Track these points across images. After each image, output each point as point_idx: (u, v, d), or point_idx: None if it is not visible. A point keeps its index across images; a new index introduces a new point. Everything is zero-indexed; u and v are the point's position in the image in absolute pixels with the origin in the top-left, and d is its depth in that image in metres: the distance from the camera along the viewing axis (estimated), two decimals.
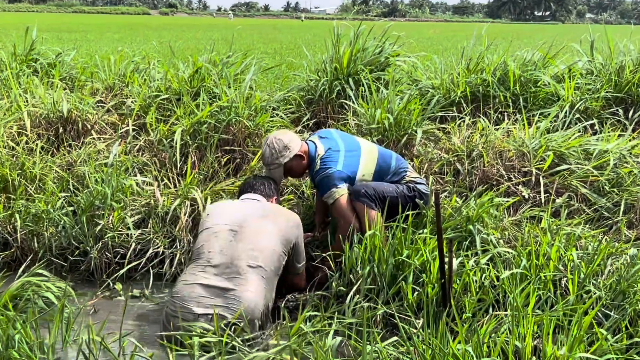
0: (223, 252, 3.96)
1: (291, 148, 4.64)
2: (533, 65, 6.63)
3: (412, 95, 6.02)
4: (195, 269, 3.95)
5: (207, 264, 3.93)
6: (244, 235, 4.04)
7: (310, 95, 6.69)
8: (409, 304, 3.86)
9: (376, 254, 4.06)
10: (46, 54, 7.54)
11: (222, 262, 3.92)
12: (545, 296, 3.78)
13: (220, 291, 3.80)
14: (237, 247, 3.97)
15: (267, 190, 4.58)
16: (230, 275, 3.86)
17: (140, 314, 4.39)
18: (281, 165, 4.64)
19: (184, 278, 3.96)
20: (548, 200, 4.94)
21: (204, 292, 3.81)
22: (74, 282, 4.83)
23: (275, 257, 4.02)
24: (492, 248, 4.24)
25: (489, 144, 5.45)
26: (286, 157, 4.63)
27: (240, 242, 4.00)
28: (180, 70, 6.77)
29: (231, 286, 3.81)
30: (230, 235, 4.05)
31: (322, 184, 4.56)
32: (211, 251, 3.99)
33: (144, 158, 5.66)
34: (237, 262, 3.90)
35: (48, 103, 6.04)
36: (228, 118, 5.74)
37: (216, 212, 4.29)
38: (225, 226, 4.11)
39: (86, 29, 28.53)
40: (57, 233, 4.98)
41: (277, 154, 4.62)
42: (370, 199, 4.42)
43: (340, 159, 4.64)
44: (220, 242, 4.03)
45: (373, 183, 4.56)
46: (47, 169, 5.45)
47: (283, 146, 4.62)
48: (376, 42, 6.91)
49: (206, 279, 3.86)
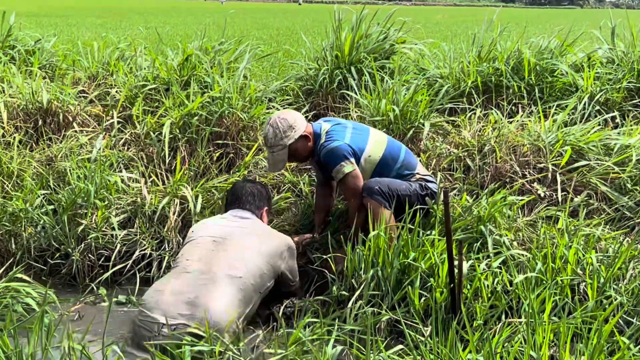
0: (201, 260, 3.95)
1: (296, 128, 4.60)
2: (549, 53, 6.60)
3: (419, 86, 6.00)
4: (170, 276, 3.96)
5: (183, 270, 3.92)
6: (227, 245, 4.05)
7: (309, 85, 6.68)
8: (415, 310, 3.86)
9: (380, 256, 4.06)
10: (24, 41, 7.53)
11: (199, 268, 3.90)
12: (562, 302, 3.78)
13: (188, 298, 3.74)
14: (218, 255, 3.97)
15: (257, 202, 4.58)
16: (204, 283, 3.81)
17: (126, 320, 4.38)
18: (286, 146, 4.60)
19: (156, 286, 3.95)
20: (565, 199, 4.93)
21: (172, 299, 3.75)
22: (54, 286, 4.84)
23: (258, 274, 4.00)
24: (505, 250, 4.24)
25: (502, 138, 5.44)
26: (291, 138, 4.59)
27: (222, 252, 3.99)
28: (169, 58, 6.77)
29: (201, 293, 3.75)
30: (212, 245, 4.06)
31: (329, 158, 4.55)
32: (189, 259, 3.98)
33: (130, 153, 5.66)
34: (215, 269, 3.88)
35: (26, 93, 6.03)
36: (221, 110, 5.74)
37: (201, 227, 4.32)
38: (209, 238, 4.12)
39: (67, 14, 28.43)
40: (36, 233, 4.99)
41: (282, 134, 4.57)
42: (384, 196, 4.42)
43: (347, 133, 4.65)
44: (201, 250, 4.03)
45: (387, 180, 4.56)
46: (26, 164, 5.45)
47: (288, 126, 4.58)
48: (380, 28, 6.89)
49: (177, 285, 3.82)
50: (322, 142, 4.62)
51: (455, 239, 4.24)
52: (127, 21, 22.38)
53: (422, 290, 3.93)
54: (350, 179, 4.50)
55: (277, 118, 4.63)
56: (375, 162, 4.65)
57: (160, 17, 28.08)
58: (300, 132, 4.61)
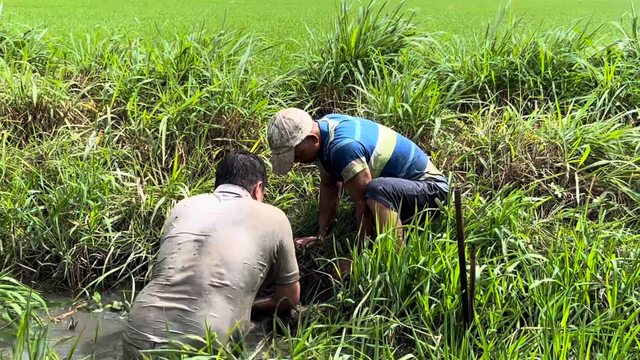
0: (184, 269, 3.83)
1: (303, 128, 4.58)
2: (567, 46, 6.59)
3: (429, 80, 5.99)
4: (153, 288, 3.85)
5: (166, 282, 3.82)
6: (210, 246, 3.89)
7: (313, 79, 6.69)
8: (425, 317, 3.85)
9: (388, 260, 4.05)
10: (13, 32, 7.53)
11: (182, 279, 3.79)
12: (580, 309, 3.78)
13: (178, 315, 3.69)
14: (201, 261, 3.83)
15: (249, 176, 4.35)
16: (191, 297, 3.74)
17: (121, 329, 4.38)
18: (292, 148, 4.57)
19: (140, 299, 3.86)
20: (584, 200, 4.93)
21: (161, 316, 3.69)
22: (45, 290, 4.85)
23: (247, 272, 3.88)
24: (520, 254, 4.23)
25: (517, 136, 5.44)
26: (298, 139, 4.56)
27: (204, 256, 3.86)
28: (166, 51, 6.76)
29: (190, 309, 3.70)
30: (195, 248, 3.90)
31: (338, 157, 4.54)
32: (172, 267, 3.86)
33: (124, 150, 5.67)
34: (199, 280, 3.78)
35: (15, 87, 6.04)
36: (220, 105, 5.74)
37: (184, 214, 4.12)
38: (191, 236, 3.95)
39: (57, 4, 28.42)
40: (25, 235, 5.00)
41: (288, 136, 4.54)
42: (388, 197, 4.41)
43: (356, 130, 4.64)
44: (183, 256, 3.88)
45: (392, 179, 4.55)
46: (15, 163, 5.46)
47: (294, 126, 4.55)
48: (388, 20, 6.89)
49: (163, 300, 3.75)
50: (331, 141, 4.61)
51: (467, 242, 4.24)
52: (122, 11, 22.38)
53: (432, 296, 3.92)
54: (360, 179, 4.50)
55: (282, 118, 4.59)
56: (385, 160, 4.65)
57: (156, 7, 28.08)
58: (307, 132, 4.59)
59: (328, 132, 4.68)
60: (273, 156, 4.69)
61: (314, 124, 4.71)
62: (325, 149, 4.67)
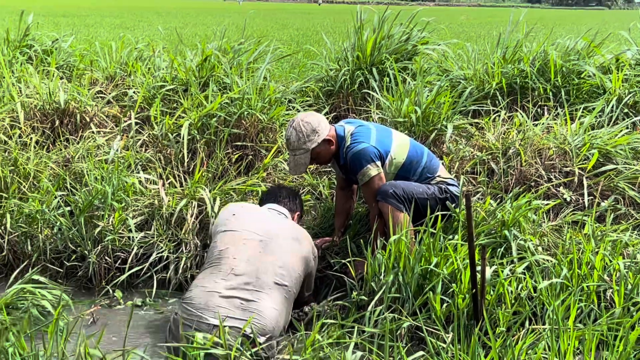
0: (250, 262, 3.95)
1: (320, 132, 4.59)
2: (576, 55, 6.58)
3: (441, 87, 5.99)
4: (216, 276, 3.92)
5: (231, 271, 3.91)
6: (274, 249, 4.06)
7: (329, 86, 6.70)
8: (437, 316, 3.85)
9: (401, 261, 4.05)
10: (42, 40, 7.59)
11: (247, 272, 3.90)
12: (587, 308, 3.77)
13: (241, 303, 3.78)
14: (266, 259, 3.98)
15: (291, 205, 4.65)
16: (255, 288, 3.85)
17: (142, 324, 4.43)
18: (308, 150, 4.59)
19: (202, 284, 3.92)
20: (592, 204, 4.92)
21: (224, 302, 3.77)
22: (70, 289, 4.87)
23: (298, 281, 4.09)
24: (530, 255, 4.23)
25: (527, 141, 5.43)
26: (314, 142, 4.57)
27: (269, 256, 4.01)
28: (188, 59, 6.79)
29: (253, 298, 3.81)
30: (260, 246, 4.06)
31: (355, 161, 4.55)
32: (237, 258, 3.97)
33: (147, 154, 5.69)
34: (263, 276, 3.91)
35: (43, 93, 6.08)
36: (240, 111, 5.76)
37: (244, 214, 4.30)
38: (256, 235, 4.11)
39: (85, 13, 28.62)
40: (52, 235, 5.03)
41: (305, 139, 4.56)
42: (398, 200, 4.41)
43: (372, 135, 4.64)
44: (249, 251, 4.02)
45: (402, 182, 4.55)
46: (42, 165, 5.49)
47: (311, 130, 4.57)
48: (403, 29, 6.89)
49: (228, 289, 3.83)
50: (347, 145, 4.62)
51: (478, 243, 4.24)
52: (146, 21, 22.52)
53: (444, 296, 3.92)
54: (375, 182, 4.51)
55: (301, 121, 4.61)
56: (399, 164, 4.65)
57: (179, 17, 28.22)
58: (323, 135, 4.60)
59: (344, 136, 4.69)
60: (290, 157, 4.71)
61: (330, 127, 4.72)
62: (342, 153, 4.67)
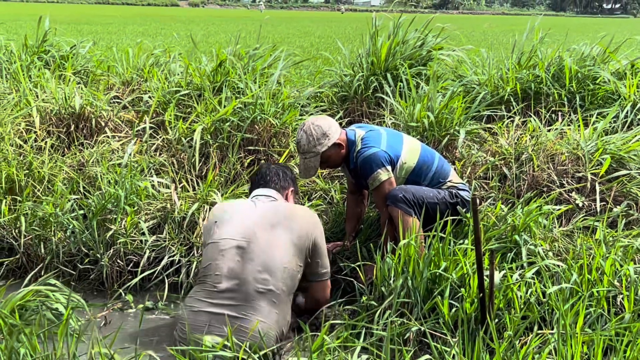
0: (230, 276, 3.89)
1: (330, 135, 4.60)
2: (592, 61, 6.55)
3: (455, 92, 5.97)
4: (202, 294, 3.91)
5: (214, 289, 3.88)
6: (252, 253, 3.93)
7: (344, 91, 6.71)
8: (445, 320, 3.83)
9: (410, 265, 4.04)
10: (59, 46, 7.65)
11: (229, 287, 3.86)
12: (596, 314, 3.73)
13: (230, 320, 3.76)
14: (245, 268, 3.89)
15: (282, 182, 4.45)
16: (239, 303, 3.81)
17: (153, 327, 4.42)
18: (318, 154, 4.59)
19: (191, 303, 3.92)
20: (604, 209, 4.88)
21: (213, 320, 3.78)
22: (83, 291, 4.89)
23: (287, 275, 3.93)
24: (540, 260, 4.20)
25: (540, 146, 5.40)
26: (324, 146, 4.58)
27: (248, 263, 3.90)
28: (203, 64, 6.83)
29: (240, 315, 3.78)
30: (238, 255, 3.94)
31: (365, 165, 4.54)
32: (218, 274, 3.91)
33: (161, 158, 5.72)
34: (244, 287, 3.84)
35: (59, 98, 6.13)
36: (253, 115, 5.78)
37: (224, 219, 4.14)
38: (233, 242, 3.99)
39: (108, 21, 28.93)
40: (65, 238, 5.05)
41: (315, 142, 4.57)
42: (408, 204, 4.40)
43: (382, 140, 4.63)
44: (228, 262, 3.93)
45: (412, 187, 4.54)
46: (57, 169, 5.53)
47: (322, 133, 4.58)
48: (418, 34, 6.89)
49: (213, 306, 3.83)
50: (358, 149, 4.62)
51: (487, 248, 4.21)
52: (169, 29, 22.67)
53: (453, 301, 3.89)
54: (385, 187, 4.50)
55: (311, 124, 4.62)
56: (410, 169, 4.64)
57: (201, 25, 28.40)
58: (333, 139, 4.61)
59: (355, 140, 4.69)
60: (300, 160, 4.71)
61: (341, 131, 4.72)
62: (352, 157, 4.68)
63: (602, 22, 49.36)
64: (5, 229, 5.13)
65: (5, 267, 5.05)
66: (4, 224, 5.12)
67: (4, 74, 6.84)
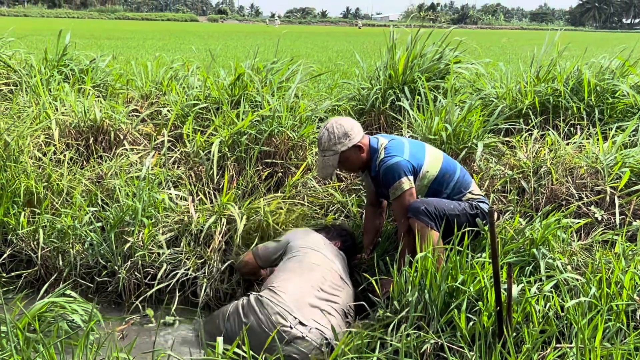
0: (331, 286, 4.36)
1: (351, 136, 4.61)
2: (611, 74, 6.52)
3: (473, 105, 5.95)
4: (308, 283, 4.30)
5: (320, 286, 4.32)
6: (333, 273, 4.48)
7: (361, 104, 6.71)
8: (462, 334, 3.80)
9: (427, 278, 4.01)
10: (79, 60, 7.71)
11: (328, 294, 4.29)
12: (615, 327, 3.69)
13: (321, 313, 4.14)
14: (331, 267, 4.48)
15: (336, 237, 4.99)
16: (332, 306, 4.25)
17: (173, 342, 4.42)
18: (337, 153, 4.61)
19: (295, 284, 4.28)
20: (623, 223, 4.84)
21: (308, 309, 4.13)
22: (101, 304, 4.90)
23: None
24: (558, 274, 4.16)
25: (559, 160, 5.37)
26: (344, 145, 4.60)
27: (333, 263, 4.53)
28: (221, 78, 6.85)
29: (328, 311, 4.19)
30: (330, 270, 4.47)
31: (387, 174, 4.54)
32: (326, 277, 4.37)
33: (179, 171, 5.74)
34: (333, 298, 4.32)
35: (78, 111, 6.17)
36: (270, 129, 5.79)
37: (307, 241, 4.66)
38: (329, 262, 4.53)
39: (128, 36, 29.10)
40: (83, 250, 5.08)
41: (336, 140, 4.59)
42: (430, 217, 4.38)
43: (405, 149, 4.63)
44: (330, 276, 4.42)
45: (434, 200, 4.53)
46: (76, 182, 5.56)
47: (343, 133, 4.60)
48: (435, 48, 6.88)
49: (317, 299, 4.23)
50: (381, 158, 4.61)
51: (505, 262, 4.18)
52: (188, 44, 22.77)
53: (470, 314, 3.87)
54: (406, 197, 4.49)
55: (335, 123, 4.65)
56: (432, 177, 4.63)
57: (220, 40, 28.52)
58: (354, 141, 4.62)
59: (378, 148, 4.69)
60: (319, 157, 4.73)
61: (364, 135, 4.73)
62: (375, 165, 4.67)
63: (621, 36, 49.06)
64: (24, 241, 5.17)
65: (23, 279, 5.07)
66: (22, 236, 5.16)
67: (24, 88, 6.90)
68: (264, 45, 18.27)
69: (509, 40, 38.20)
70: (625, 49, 7.16)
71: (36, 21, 60.68)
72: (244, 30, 44.49)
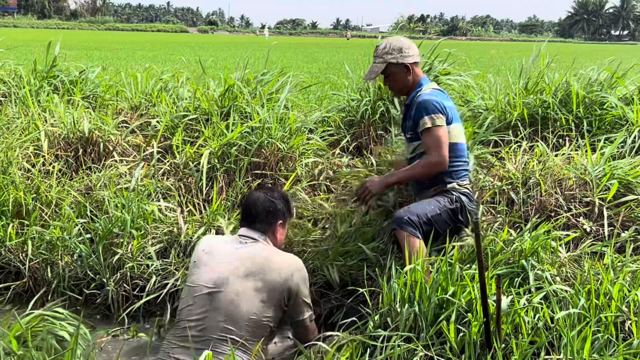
0: (197, 324, 3.84)
1: (405, 54, 4.75)
2: (599, 86, 6.55)
3: (462, 117, 5.95)
4: (175, 338, 3.89)
5: (184, 334, 3.83)
6: (219, 302, 3.85)
7: (351, 116, 6.72)
8: (451, 345, 3.80)
9: (417, 290, 4.01)
10: (68, 71, 7.70)
11: (195, 333, 3.81)
12: (604, 339, 3.69)
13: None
14: (211, 317, 3.84)
15: (269, 218, 4.23)
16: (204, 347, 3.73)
17: None
18: (386, 62, 4.74)
19: (164, 347, 3.92)
20: (612, 234, 4.85)
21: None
22: (89, 316, 4.88)
23: (253, 325, 3.84)
24: (547, 285, 4.16)
25: (547, 171, 5.38)
26: (395, 59, 4.73)
27: (214, 312, 3.84)
28: (211, 89, 6.86)
29: None
30: (207, 302, 3.87)
31: (421, 105, 4.62)
32: (190, 319, 3.87)
33: (168, 182, 5.73)
34: (209, 334, 3.79)
35: (68, 122, 6.15)
36: (260, 140, 5.79)
37: (203, 261, 4.06)
38: (205, 289, 3.91)
39: (118, 47, 29.10)
40: (72, 262, 5.06)
41: (389, 50, 4.75)
42: (414, 226, 4.39)
43: (447, 102, 4.76)
44: (197, 309, 3.88)
45: (414, 206, 4.56)
46: (64, 193, 5.54)
47: (398, 47, 4.74)
48: (424, 60, 6.90)
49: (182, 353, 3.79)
50: (424, 92, 4.71)
51: (494, 273, 4.19)
52: (178, 54, 22.78)
53: (460, 326, 3.86)
54: (438, 131, 4.55)
55: (397, 37, 4.84)
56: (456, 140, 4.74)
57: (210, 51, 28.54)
58: (406, 60, 4.75)
59: (424, 86, 4.80)
60: (372, 62, 4.86)
61: (418, 62, 4.87)
62: (414, 95, 4.77)
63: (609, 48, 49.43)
64: (12, 252, 5.15)
65: (11, 291, 5.04)
66: (11, 248, 5.14)
67: (13, 99, 6.89)
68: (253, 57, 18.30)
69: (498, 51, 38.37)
70: (613, 61, 7.21)
71: (26, 32, 60.58)
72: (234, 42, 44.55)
